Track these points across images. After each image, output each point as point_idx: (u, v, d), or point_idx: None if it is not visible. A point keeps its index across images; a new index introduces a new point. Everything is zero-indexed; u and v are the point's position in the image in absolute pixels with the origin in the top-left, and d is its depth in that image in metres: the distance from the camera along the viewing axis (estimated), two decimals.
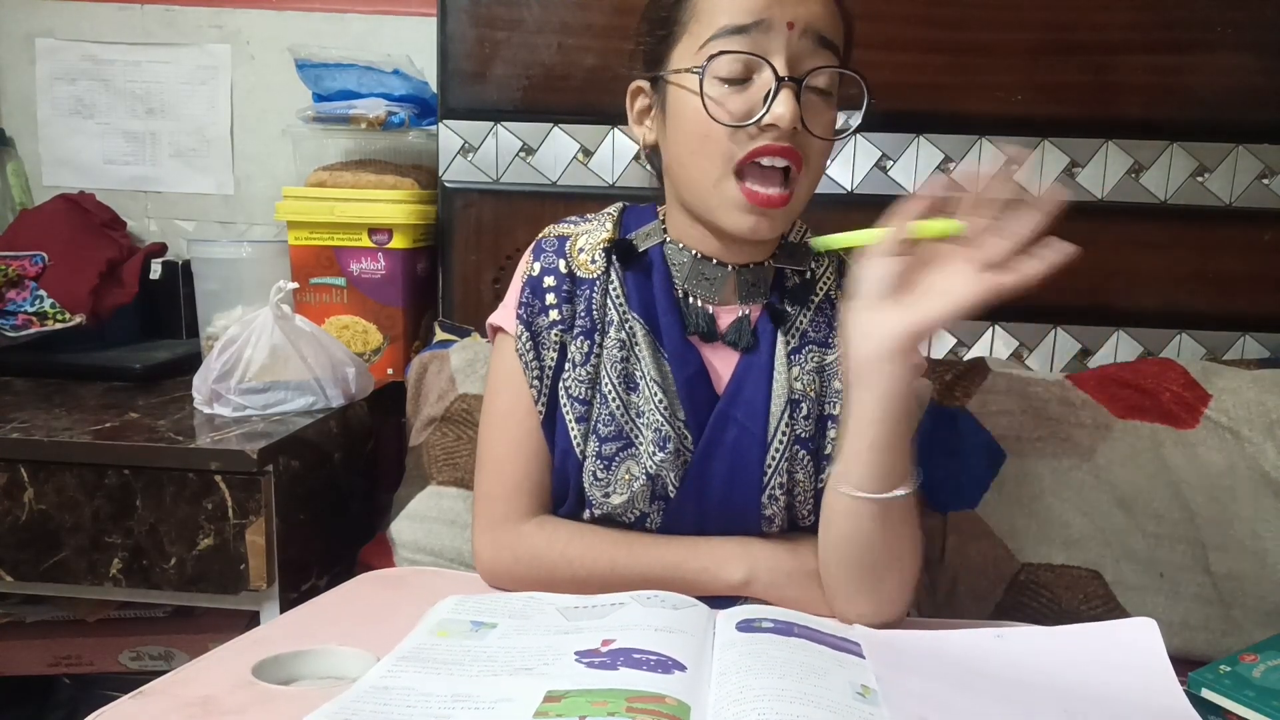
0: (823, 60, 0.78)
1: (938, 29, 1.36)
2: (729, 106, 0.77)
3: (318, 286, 1.41)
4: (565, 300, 0.86)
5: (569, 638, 0.69)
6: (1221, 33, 1.35)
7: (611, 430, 0.84)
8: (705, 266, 0.86)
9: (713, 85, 0.77)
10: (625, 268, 0.87)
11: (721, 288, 0.86)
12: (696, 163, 0.80)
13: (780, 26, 0.76)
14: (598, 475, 0.84)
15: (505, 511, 0.86)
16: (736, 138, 0.77)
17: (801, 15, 0.76)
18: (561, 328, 0.86)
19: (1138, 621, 0.77)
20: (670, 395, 0.83)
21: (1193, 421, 1.21)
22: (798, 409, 0.84)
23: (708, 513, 0.85)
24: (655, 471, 0.83)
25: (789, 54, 0.76)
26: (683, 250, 0.87)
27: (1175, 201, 1.39)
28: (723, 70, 0.77)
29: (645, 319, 0.85)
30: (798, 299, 0.88)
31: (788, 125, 0.75)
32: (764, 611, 0.77)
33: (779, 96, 0.75)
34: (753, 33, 0.76)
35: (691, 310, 0.86)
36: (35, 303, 1.39)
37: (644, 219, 0.90)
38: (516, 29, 1.40)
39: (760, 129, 0.77)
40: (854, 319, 0.74)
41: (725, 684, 0.62)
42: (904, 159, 1.40)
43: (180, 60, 1.65)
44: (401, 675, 0.63)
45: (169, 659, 1.24)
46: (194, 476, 1.03)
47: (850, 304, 0.75)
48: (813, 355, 0.86)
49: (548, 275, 0.87)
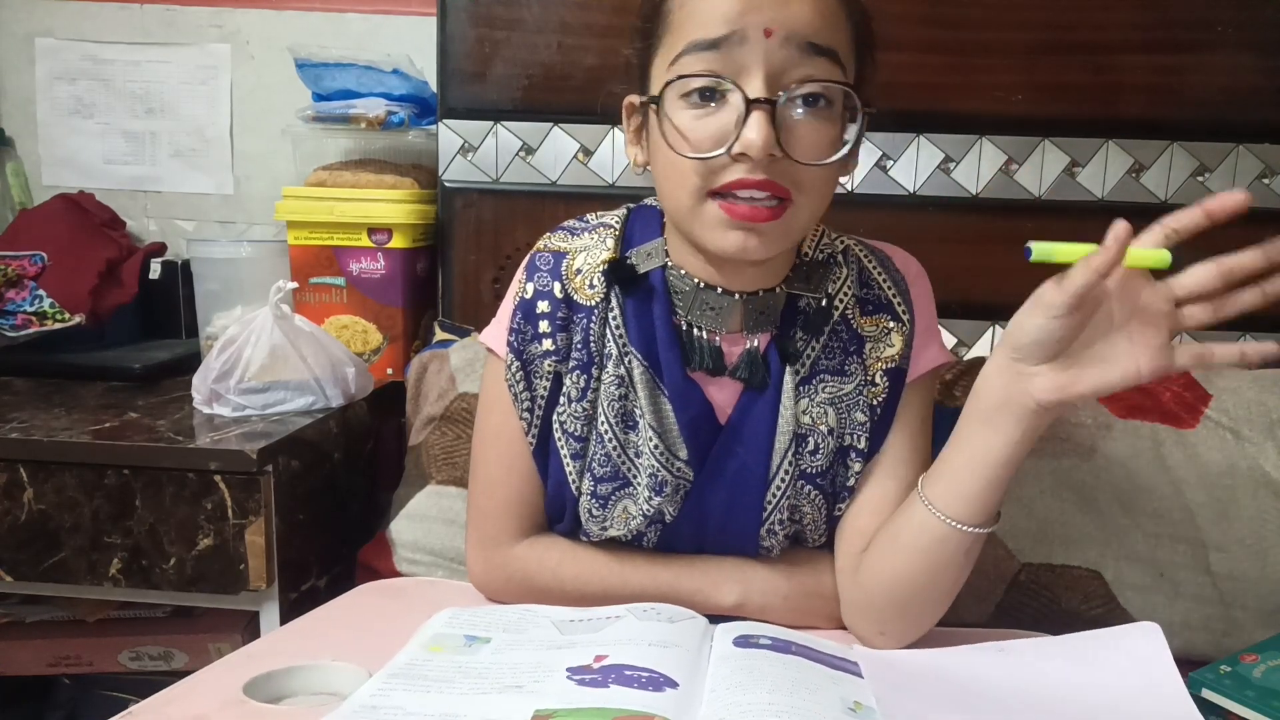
0: (814, 69, 0.68)
1: (938, 29, 1.36)
2: (698, 133, 0.69)
3: (317, 286, 1.41)
4: (560, 329, 0.80)
5: (562, 653, 0.69)
6: (1221, 33, 1.35)
7: (608, 470, 0.80)
8: (709, 296, 0.78)
9: (679, 109, 0.69)
10: (625, 294, 0.80)
11: (728, 318, 0.79)
12: (671, 191, 0.73)
13: (757, 35, 0.67)
14: (594, 512, 0.82)
15: (496, 533, 0.85)
16: (709, 167, 0.69)
17: (782, 20, 0.67)
18: (556, 358, 0.81)
19: (1142, 627, 0.76)
20: (668, 438, 0.79)
21: (1193, 421, 1.21)
22: (804, 443, 0.79)
23: (705, 537, 0.83)
24: (653, 512, 0.80)
25: (769, 67, 0.67)
26: (685, 278, 0.79)
27: (1176, 201, 1.39)
28: (689, 92, 0.69)
29: (645, 354, 0.79)
30: (811, 327, 0.80)
31: (759, 154, 0.66)
32: (763, 628, 0.76)
33: (749, 121, 0.66)
34: (724, 46, 0.67)
35: (695, 343, 0.79)
36: (35, 303, 1.39)
37: (651, 226, 0.83)
38: (516, 29, 1.39)
39: (733, 158, 0.68)
40: (1001, 364, 0.67)
41: (715, 700, 0.62)
42: (904, 159, 1.40)
43: (180, 60, 1.65)
44: (391, 694, 0.63)
45: (169, 659, 1.23)
46: (194, 476, 1.02)
47: (1002, 348, 0.67)
48: (825, 386, 0.80)
49: (541, 300, 0.81)
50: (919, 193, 1.40)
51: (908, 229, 1.41)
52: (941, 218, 1.40)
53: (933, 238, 1.40)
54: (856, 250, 0.85)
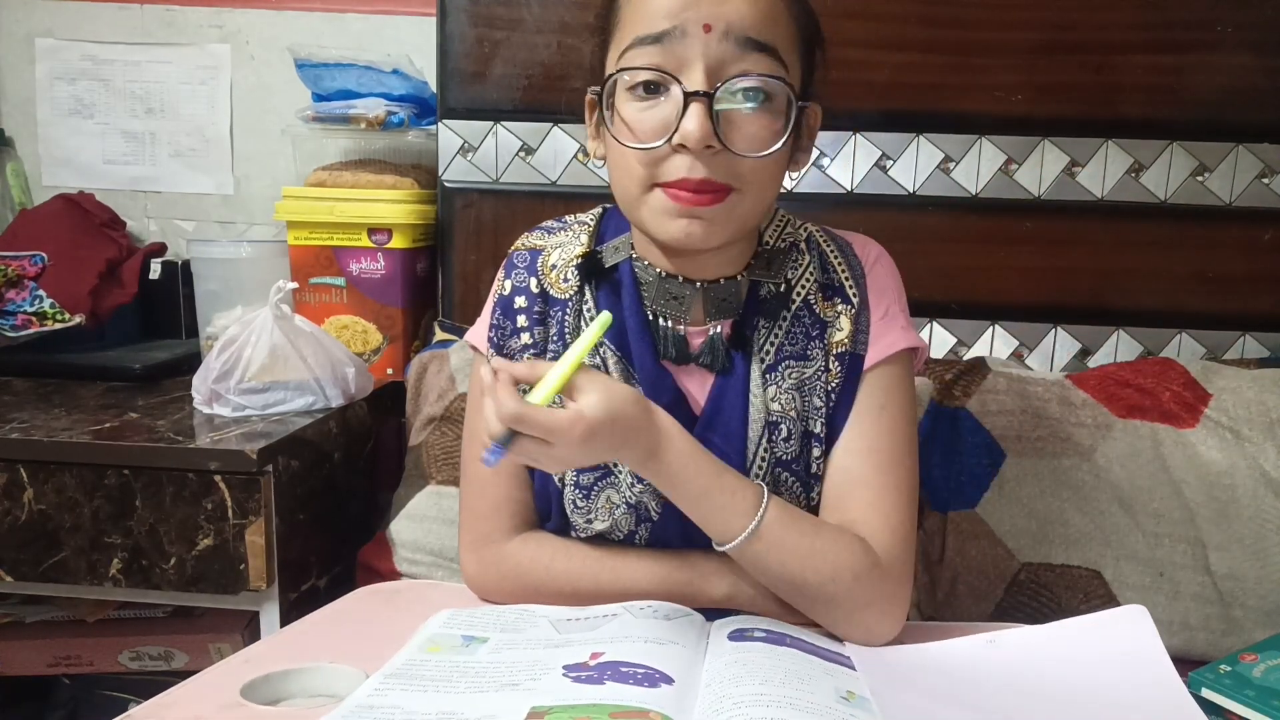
0: (752, 65, 0.71)
1: (938, 29, 1.36)
2: (642, 124, 0.72)
3: (317, 286, 1.41)
4: (538, 322, 0.84)
5: (558, 651, 0.69)
6: (1221, 33, 1.35)
7: None
8: (672, 285, 0.81)
9: (625, 101, 0.73)
10: (596, 286, 0.83)
11: (690, 308, 0.81)
12: (620, 180, 0.76)
13: (696, 30, 0.70)
14: (578, 503, 0.83)
15: (488, 531, 0.86)
16: (652, 157, 0.72)
17: (721, 16, 0.70)
18: (534, 351, 0.84)
19: (1128, 610, 0.76)
20: None
21: (1193, 421, 1.21)
22: (777, 430, 0.80)
23: (694, 530, 0.82)
24: (635, 501, 0.81)
25: (708, 61, 0.70)
26: (649, 268, 0.82)
27: (1175, 201, 1.39)
28: (634, 85, 0.72)
29: (617, 344, 0.81)
30: (771, 313, 0.81)
31: (696, 144, 0.69)
32: (757, 621, 0.77)
33: (688, 112, 0.69)
34: (666, 41, 0.70)
35: (662, 332, 0.81)
36: (35, 303, 1.39)
37: (624, 223, 0.85)
38: (516, 29, 1.39)
39: (673, 148, 0.71)
40: None
41: (710, 694, 0.62)
42: (904, 159, 1.40)
43: (180, 60, 1.65)
44: (388, 693, 0.63)
45: (169, 659, 1.24)
46: (194, 476, 1.03)
47: None
48: (790, 371, 0.81)
49: (519, 295, 0.84)
50: (919, 193, 1.40)
51: (908, 229, 1.42)
52: (941, 218, 1.40)
53: (933, 238, 1.40)
54: (819, 237, 0.87)
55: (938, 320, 1.42)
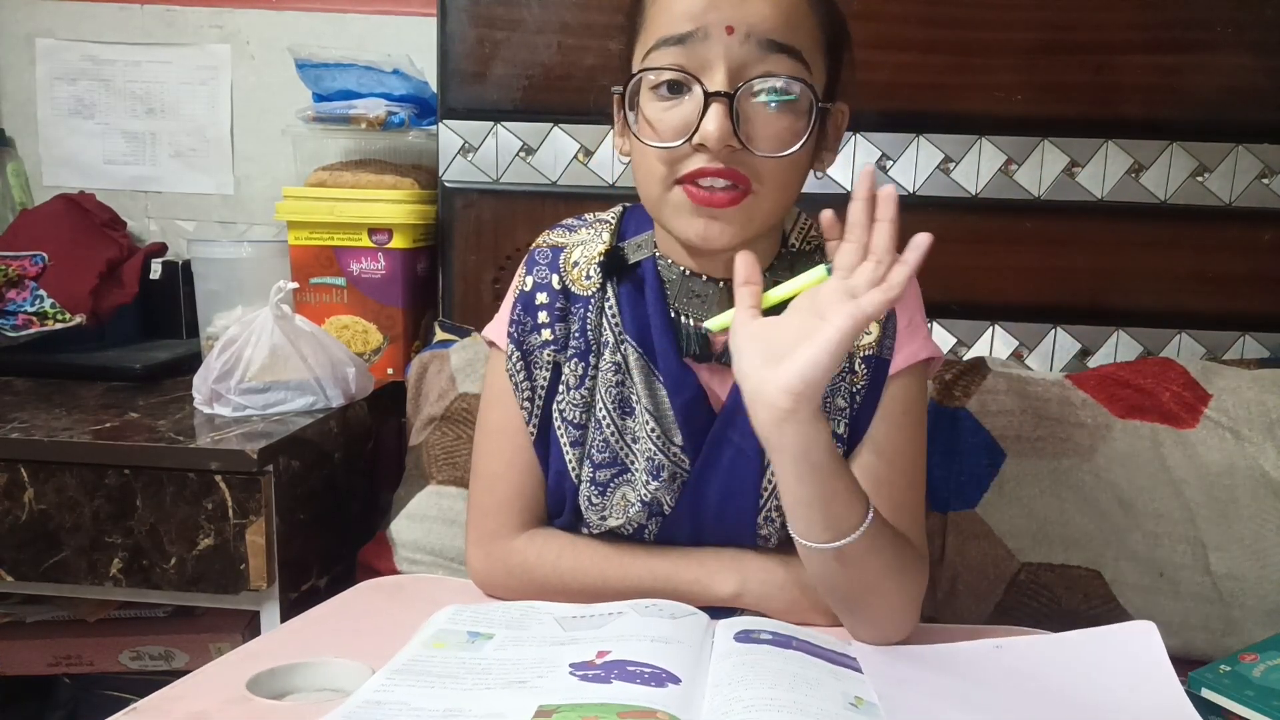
0: (774, 66, 0.71)
1: (938, 29, 1.36)
2: (664, 124, 0.73)
3: (318, 286, 1.41)
4: (559, 319, 0.84)
5: (565, 649, 0.69)
6: (1221, 33, 1.35)
7: (606, 456, 0.83)
8: (694, 283, 0.82)
9: (649, 101, 0.74)
10: (618, 283, 0.83)
11: (712, 306, 0.81)
12: (643, 179, 0.77)
13: (719, 32, 0.71)
14: (593, 500, 0.83)
15: (496, 527, 0.86)
16: (673, 156, 0.74)
17: (743, 18, 0.71)
18: (554, 347, 0.84)
19: (1137, 625, 0.76)
20: (665, 423, 0.81)
21: (1193, 421, 1.21)
22: None
23: (703, 527, 0.84)
24: (650, 498, 0.81)
25: (730, 63, 0.71)
26: (672, 266, 0.83)
27: (1175, 201, 1.39)
28: (657, 85, 0.73)
29: (639, 341, 0.82)
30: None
31: (715, 144, 0.70)
32: (764, 623, 0.77)
33: (708, 113, 0.70)
34: (690, 42, 0.71)
35: (684, 330, 0.82)
36: (35, 303, 1.39)
37: (645, 221, 0.86)
38: (516, 29, 1.40)
39: (694, 148, 0.72)
40: (743, 389, 0.68)
41: (717, 696, 0.62)
42: (904, 159, 1.40)
43: (180, 60, 1.65)
44: (395, 689, 0.63)
45: (169, 659, 1.24)
46: (194, 476, 1.03)
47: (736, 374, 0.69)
48: None
49: (540, 291, 0.85)
50: (919, 193, 1.40)
51: (907, 229, 1.41)
52: (941, 218, 1.40)
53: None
54: None
55: (938, 320, 1.42)
